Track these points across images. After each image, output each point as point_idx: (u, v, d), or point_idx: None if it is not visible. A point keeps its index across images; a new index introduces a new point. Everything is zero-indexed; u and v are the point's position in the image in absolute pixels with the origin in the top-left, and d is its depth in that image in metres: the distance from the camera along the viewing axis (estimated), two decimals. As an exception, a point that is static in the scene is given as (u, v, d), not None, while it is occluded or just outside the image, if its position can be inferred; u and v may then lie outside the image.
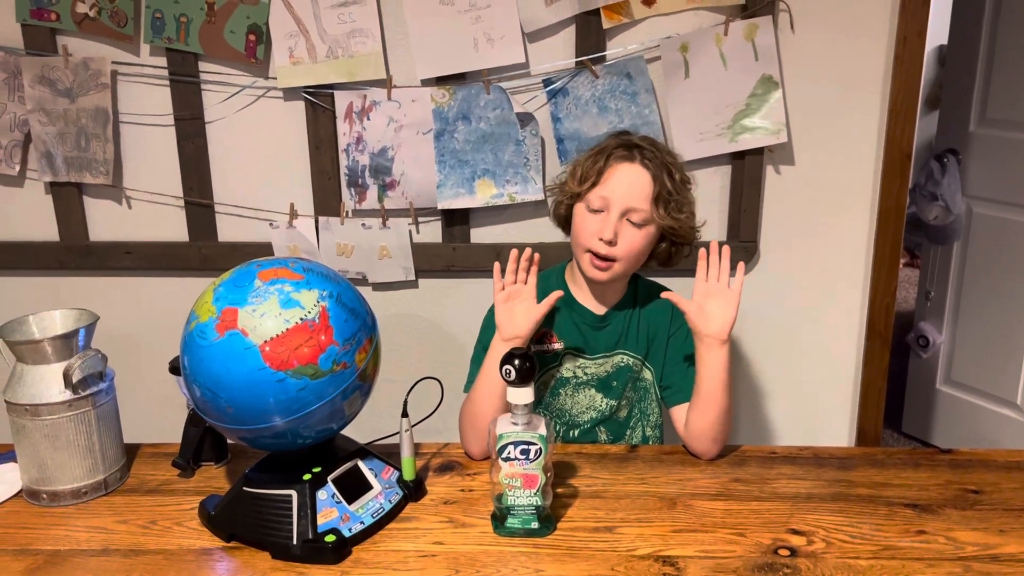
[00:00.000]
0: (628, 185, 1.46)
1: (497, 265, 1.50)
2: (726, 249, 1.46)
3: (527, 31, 1.91)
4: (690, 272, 1.52)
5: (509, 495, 1.23)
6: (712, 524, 1.27)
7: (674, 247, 1.55)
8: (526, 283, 1.47)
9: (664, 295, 1.48)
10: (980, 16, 2.54)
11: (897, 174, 1.99)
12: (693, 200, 1.54)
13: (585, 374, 1.57)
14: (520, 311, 1.46)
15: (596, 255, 1.46)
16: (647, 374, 1.60)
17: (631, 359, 1.58)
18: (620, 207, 1.45)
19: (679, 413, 1.52)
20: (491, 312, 1.58)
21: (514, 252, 1.48)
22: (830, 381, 2.16)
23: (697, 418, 1.47)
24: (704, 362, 1.45)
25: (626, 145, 1.49)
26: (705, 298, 1.46)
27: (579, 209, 1.50)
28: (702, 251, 1.46)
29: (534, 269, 1.48)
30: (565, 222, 1.57)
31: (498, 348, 1.44)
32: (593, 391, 1.58)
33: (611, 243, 1.45)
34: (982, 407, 2.74)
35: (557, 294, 1.47)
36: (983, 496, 1.34)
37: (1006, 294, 2.60)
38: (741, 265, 1.47)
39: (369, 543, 1.23)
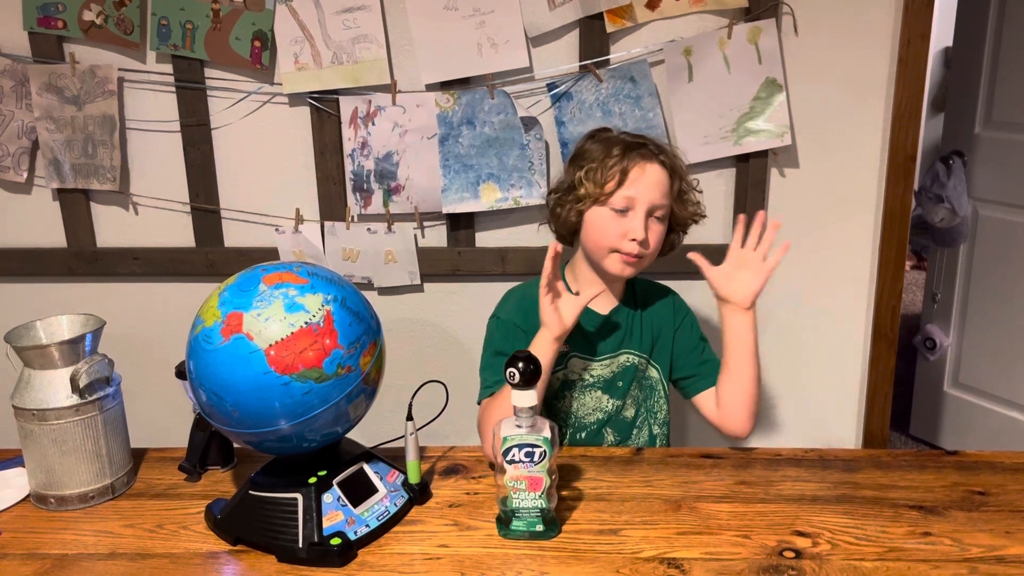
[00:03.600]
0: (653, 183, 1.47)
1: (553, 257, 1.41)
2: (775, 223, 1.46)
3: (531, 36, 1.92)
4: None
5: (514, 498, 1.23)
6: (717, 526, 1.26)
7: (675, 235, 1.58)
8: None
9: (690, 255, 1.48)
10: (985, 18, 2.54)
11: (901, 177, 1.99)
12: (699, 191, 1.59)
13: (591, 376, 1.57)
14: (562, 305, 1.43)
15: (626, 254, 1.47)
16: (653, 372, 1.60)
17: (636, 358, 1.58)
18: (646, 205, 1.46)
19: (706, 399, 1.55)
20: (496, 319, 1.58)
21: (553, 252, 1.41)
22: (836, 384, 2.16)
23: (728, 391, 1.50)
24: (729, 328, 1.48)
25: (636, 144, 1.50)
26: (736, 267, 1.48)
27: (599, 213, 1.49)
28: (741, 216, 1.48)
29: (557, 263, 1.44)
30: (575, 228, 1.55)
31: (545, 346, 1.41)
32: (599, 392, 1.58)
33: (643, 242, 1.46)
34: (990, 409, 2.73)
35: (596, 292, 1.45)
36: (989, 498, 1.33)
37: (1013, 296, 2.59)
38: (787, 243, 1.46)
39: (374, 546, 1.23)
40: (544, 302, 1.42)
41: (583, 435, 1.60)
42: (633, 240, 1.45)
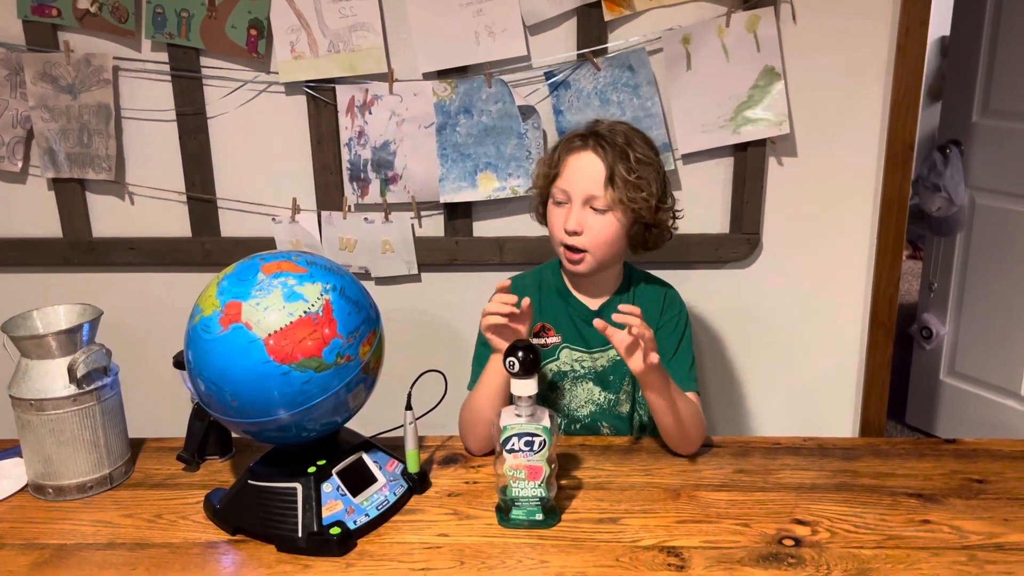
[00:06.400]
0: (582, 173, 1.46)
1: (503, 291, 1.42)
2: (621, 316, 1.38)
3: (528, 24, 1.91)
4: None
5: (513, 487, 1.23)
6: (716, 515, 1.27)
7: (648, 229, 1.51)
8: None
9: (595, 322, 1.35)
10: (982, 6, 2.53)
11: (900, 165, 1.99)
12: (656, 179, 1.47)
13: (582, 367, 1.57)
14: (507, 331, 1.40)
15: (567, 247, 1.47)
16: None
17: None
18: (580, 197, 1.46)
19: None
20: None
21: (502, 294, 1.40)
22: (834, 373, 2.16)
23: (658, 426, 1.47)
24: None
25: (581, 135, 1.49)
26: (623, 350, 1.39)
27: (549, 206, 1.52)
28: (598, 323, 1.36)
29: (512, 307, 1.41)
30: (544, 219, 1.58)
31: (495, 360, 1.41)
32: (591, 384, 1.58)
33: (575, 233, 1.45)
34: (986, 398, 2.73)
35: (526, 302, 1.40)
36: (987, 485, 1.34)
37: (1009, 285, 2.60)
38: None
39: (374, 535, 1.23)
40: (493, 337, 1.38)
41: (577, 427, 1.60)
42: (566, 231, 1.46)
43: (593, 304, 1.56)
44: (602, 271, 1.53)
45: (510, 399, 1.24)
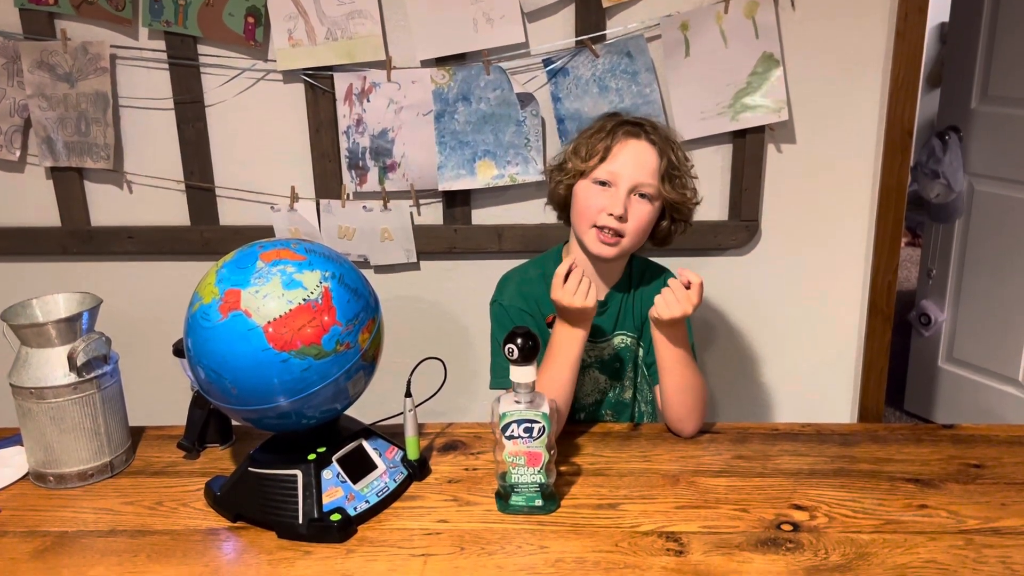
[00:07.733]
0: (637, 161, 1.46)
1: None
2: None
3: (526, 11, 1.90)
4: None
5: (513, 473, 1.23)
6: (715, 500, 1.27)
7: (674, 224, 1.55)
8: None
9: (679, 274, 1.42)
10: (982, -8, 2.53)
11: (898, 152, 1.99)
12: (691, 178, 1.54)
13: (589, 356, 1.58)
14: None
15: (604, 230, 1.46)
16: (642, 352, 1.60)
17: (629, 339, 1.58)
18: (629, 182, 1.45)
19: (659, 391, 1.54)
20: (499, 306, 1.57)
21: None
22: (832, 359, 2.17)
23: (660, 392, 1.50)
24: (654, 337, 1.46)
25: (630, 123, 1.49)
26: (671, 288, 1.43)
27: (583, 186, 1.49)
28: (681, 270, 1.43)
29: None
30: (564, 202, 1.56)
31: (563, 333, 1.42)
32: (597, 373, 1.59)
33: (621, 218, 1.44)
34: (984, 384, 2.74)
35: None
36: (985, 470, 1.34)
37: (1008, 272, 2.60)
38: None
39: (374, 522, 1.24)
40: (572, 307, 1.38)
41: (582, 415, 1.61)
42: (611, 215, 1.44)
43: (599, 295, 1.56)
44: (619, 259, 1.53)
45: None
